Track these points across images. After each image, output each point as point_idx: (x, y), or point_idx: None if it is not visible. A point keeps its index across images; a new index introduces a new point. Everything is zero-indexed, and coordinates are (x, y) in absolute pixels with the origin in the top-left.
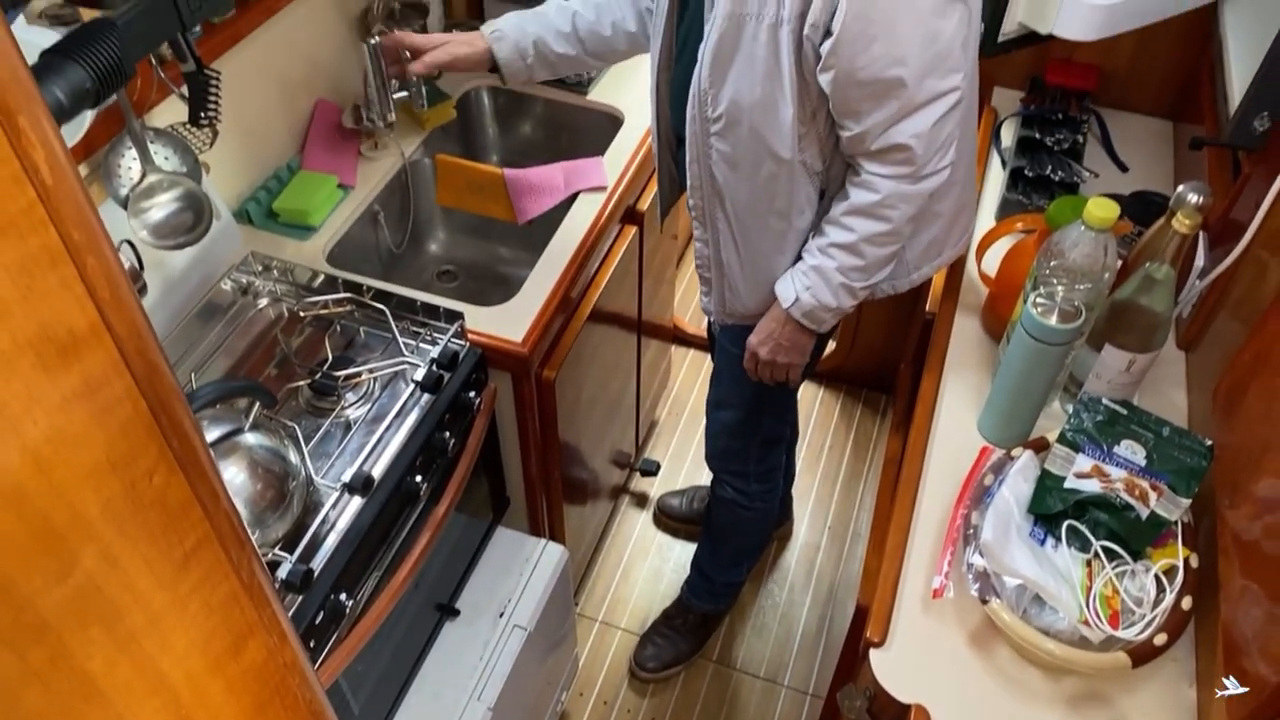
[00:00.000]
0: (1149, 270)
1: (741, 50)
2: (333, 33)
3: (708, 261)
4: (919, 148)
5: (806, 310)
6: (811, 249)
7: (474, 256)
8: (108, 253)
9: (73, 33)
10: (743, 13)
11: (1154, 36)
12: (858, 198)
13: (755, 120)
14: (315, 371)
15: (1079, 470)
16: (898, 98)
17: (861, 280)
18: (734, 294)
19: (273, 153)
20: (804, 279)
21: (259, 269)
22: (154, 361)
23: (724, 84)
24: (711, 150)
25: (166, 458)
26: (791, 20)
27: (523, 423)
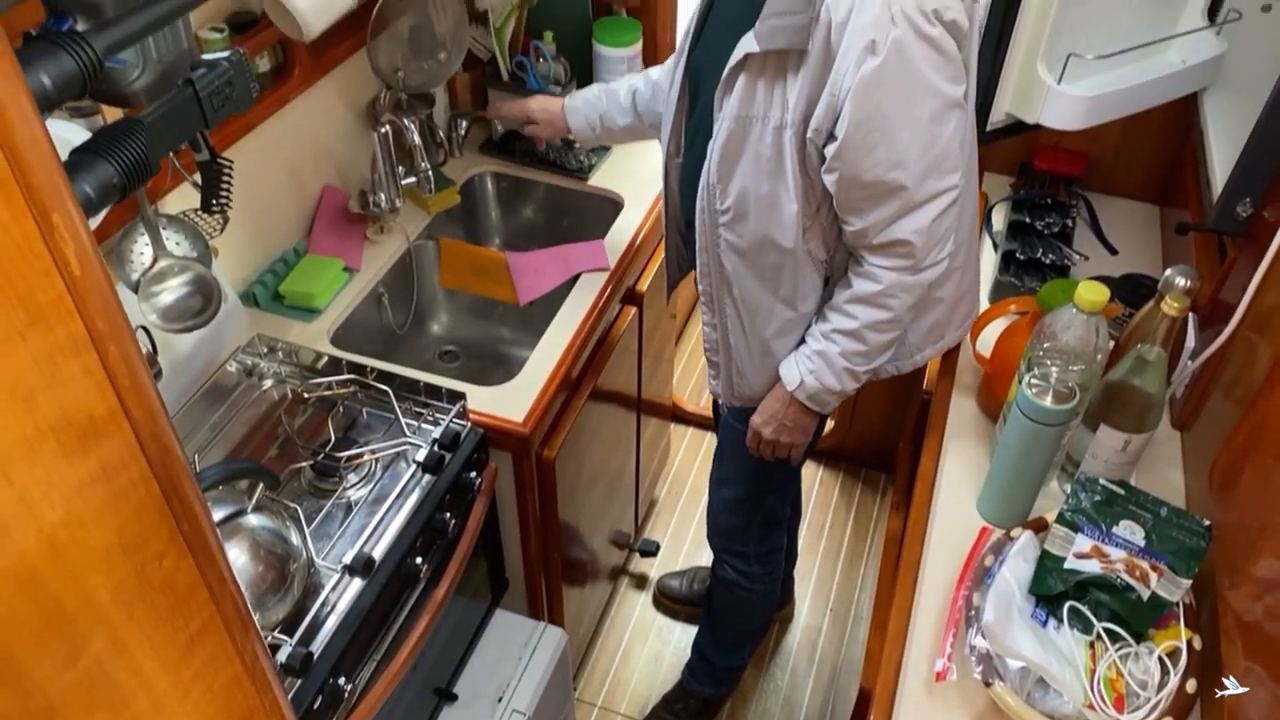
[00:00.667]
0: (1141, 352)
1: (748, 149)
2: (340, 121)
3: (716, 345)
4: (919, 242)
5: (811, 393)
6: (815, 334)
7: (475, 337)
8: (129, 340)
9: (102, 131)
10: (749, 115)
11: (1138, 125)
12: (860, 287)
13: (761, 214)
14: (318, 452)
15: (1079, 550)
16: (898, 198)
17: (864, 364)
18: (741, 377)
19: (280, 237)
20: (808, 363)
21: (264, 350)
22: (168, 445)
23: (731, 180)
24: (720, 240)
25: (176, 541)
26: (795, 124)
27: (523, 503)
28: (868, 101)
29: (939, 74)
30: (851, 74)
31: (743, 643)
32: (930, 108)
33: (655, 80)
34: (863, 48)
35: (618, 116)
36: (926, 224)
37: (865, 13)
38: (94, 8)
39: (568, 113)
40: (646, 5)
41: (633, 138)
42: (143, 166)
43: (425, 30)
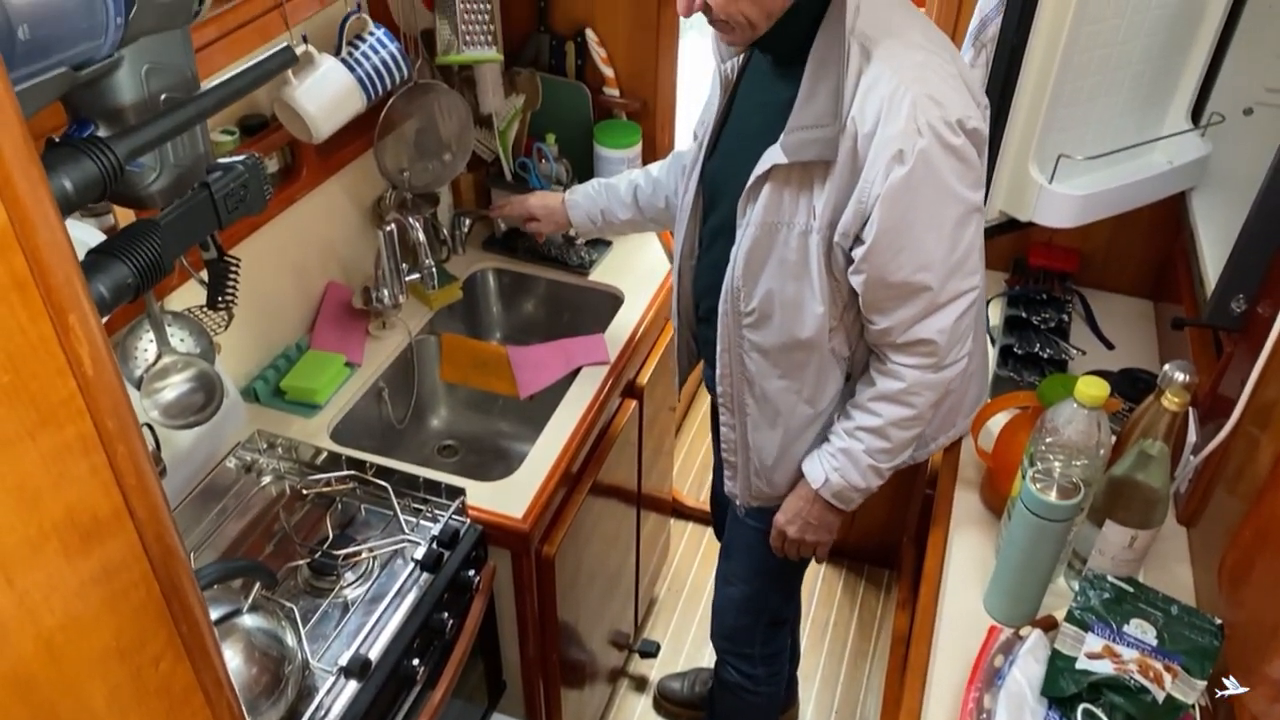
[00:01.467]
0: (1143, 447)
1: (774, 254)
2: (346, 218)
3: (734, 446)
4: (942, 341)
5: (836, 491)
6: (839, 431)
7: (475, 431)
8: (136, 439)
9: (119, 232)
10: (775, 221)
11: (1128, 222)
12: (884, 385)
13: (786, 315)
14: (315, 550)
15: (1090, 650)
16: (923, 298)
17: (887, 461)
18: (760, 478)
19: (283, 332)
20: (832, 460)
21: (263, 446)
22: (171, 545)
23: (757, 283)
24: (744, 341)
25: (174, 644)
26: (822, 229)
27: (521, 602)
28: (896, 208)
29: (962, 181)
30: (880, 182)
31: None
32: (954, 213)
33: (656, 177)
34: (890, 157)
35: (619, 211)
36: (950, 324)
37: (892, 124)
38: (116, 114)
39: (569, 207)
40: (646, 109)
41: (633, 230)
42: (157, 267)
43: (431, 133)
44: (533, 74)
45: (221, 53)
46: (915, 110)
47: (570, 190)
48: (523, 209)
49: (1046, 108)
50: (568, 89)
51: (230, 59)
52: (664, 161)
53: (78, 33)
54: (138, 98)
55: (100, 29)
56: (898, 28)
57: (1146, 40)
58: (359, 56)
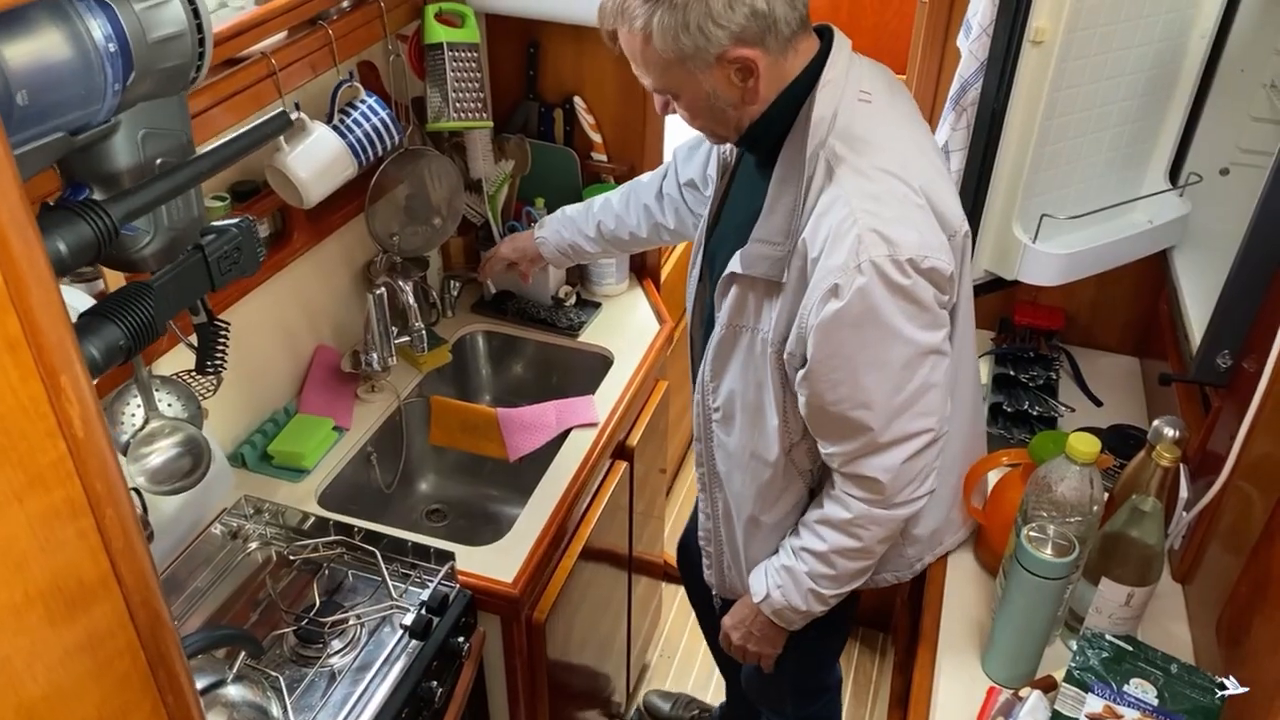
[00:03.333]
0: (1136, 503)
1: (738, 355)
2: (336, 282)
3: (709, 535)
4: (887, 480)
5: (775, 609)
6: (786, 547)
7: (463, 495)
8: (125, 503)
9: (112, 295)
10: (741, 325)
11: (1112, 281)
12: (830, 510)
13: (746, 419)
14: (301, 617)
15: (1090, 711)
16: (863, 436)
17: (832, 589)
18: (731, 571)
19: (271, 396)
20: (776, 577)
21: (250, 512)
22: (157, 612)
23: (722, 380)
24: (714, 436)
25: (159, 715)
26: (775, 343)
27: (511, 668)
28: (828, 341)
29: (911, 322)
30: (815, 312)
31: None
32: (901, 355)
33: (618, 213)
34: (826, 290)
35: (586, 245)
36: (897, 464)
37: (834, 256)
38: (112, 178)
39: (539, 245)
40: (633, 173)
41: (603, 258)
42: (149, 329)
43: (421, 198)
44: (521, 140)
45: (216, 120)
46: (859, 246)
47: (539, 225)
48: (498, 260)
49: (1029, 169)
50: (556, 154)
51: (224, 125)
52: (623, 191)
53: (75, 99)
54: (134, 162)
55: (98, 95)
56: (876, 144)
57: (1124, 103)
58: (350, 124)
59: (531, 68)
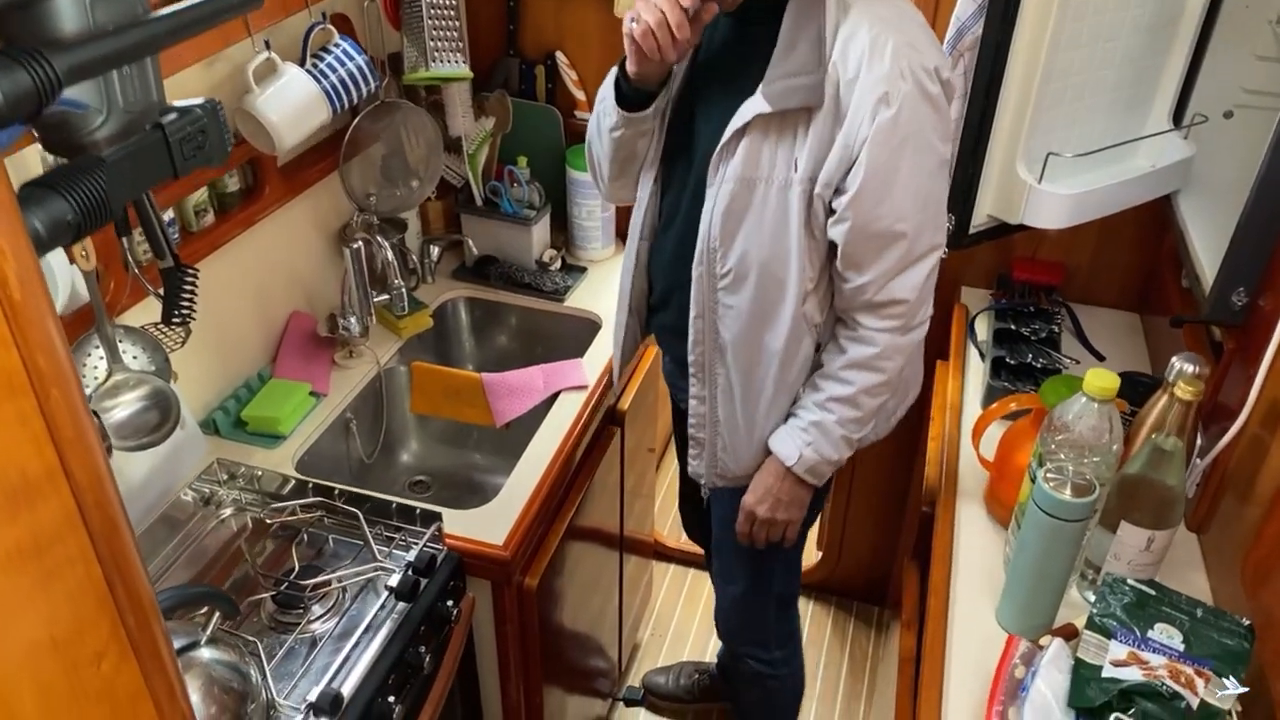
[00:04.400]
0: (1157, 442)
1: (751, 211)
2: (310, 246)
3: (703, 420)
4: (914, 299)
5: (810, 466)
6: (807, 405)
7: (447, 465)
8: (73, 386)
9: (59, 166)
10: (754, 177)
11: (1112, 235)
12: (856, 351)
13: (763, 275)
14: (280, 582)
15: (1115, 658)
16: (899, 249)
17: (858, 431)
18: (727, 452)
19: (243, 362)
20: (804, 435)
21: (224, 477)
22: (113, 518)
23: (733, 242)
24: (719, 305)
25: (119, 638)
26: (803, 181)
27: (502, 638)
28: (882, 151)
29: (935, 132)
30: (867, 125)
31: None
32: (930, 164)
33: None
34: (876, 99)
35: None
36: (921, 281)
37: (876, 68)
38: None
39: None
40: None
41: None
42: (101, 208)
43: (398, 158)
44: (503, 95)
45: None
46: (898, 55)
47: None
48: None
49: (1033, 108)
50: (539, 112)
51: (188, 61)
52: None
53: None
54: (81, 27)
55: None
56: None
57: (1128, 40)
58: (324, 68)
59: (511, 22)
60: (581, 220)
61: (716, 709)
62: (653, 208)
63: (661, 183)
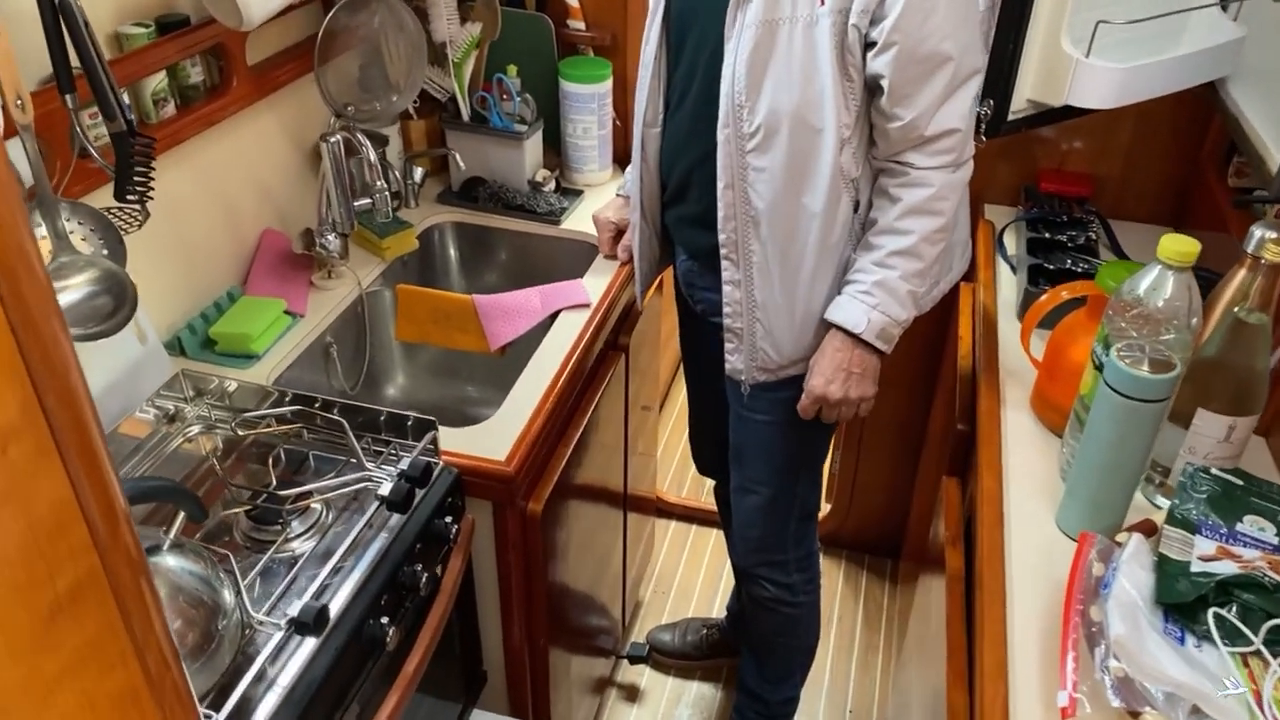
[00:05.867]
0: (1239, 315)
1: (777, 57)
2: (283, 158)
3: (739, 307)
4: (964, 128)
5: (880, 330)
6: (866, 266)
7: (438, 399)
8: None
9: None
10: (776, 18)
11: (1143, 144)
12: (911, 196)
13: (795, 126)
14: (256, 495)
15: (1202, 553)
16: (947, 71)
17: (921, 285)
18: (769, 338)
19: (212, 280)
20: (869, 299)
21: (190, 393)
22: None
23: (760, 93)
24: (748, 170)
25: (34, 419)
26: (832, 14)
27: (504, 567)
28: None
29: None
30: None
31: (794, 670)
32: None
33: None
34: None
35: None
36: (967, 109)
37: None
38: None
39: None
40: (615, 44)
41: None
42: None
43: (376, 65)
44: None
45: None
46: None
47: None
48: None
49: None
50: (528, 21)
51: None
52: None
53: None
54: None
55: None
56: None
57: None
58: None
59: None
60: (576, 139)
61: (726, 664)
62: (657, 90)
63: (667, 60)
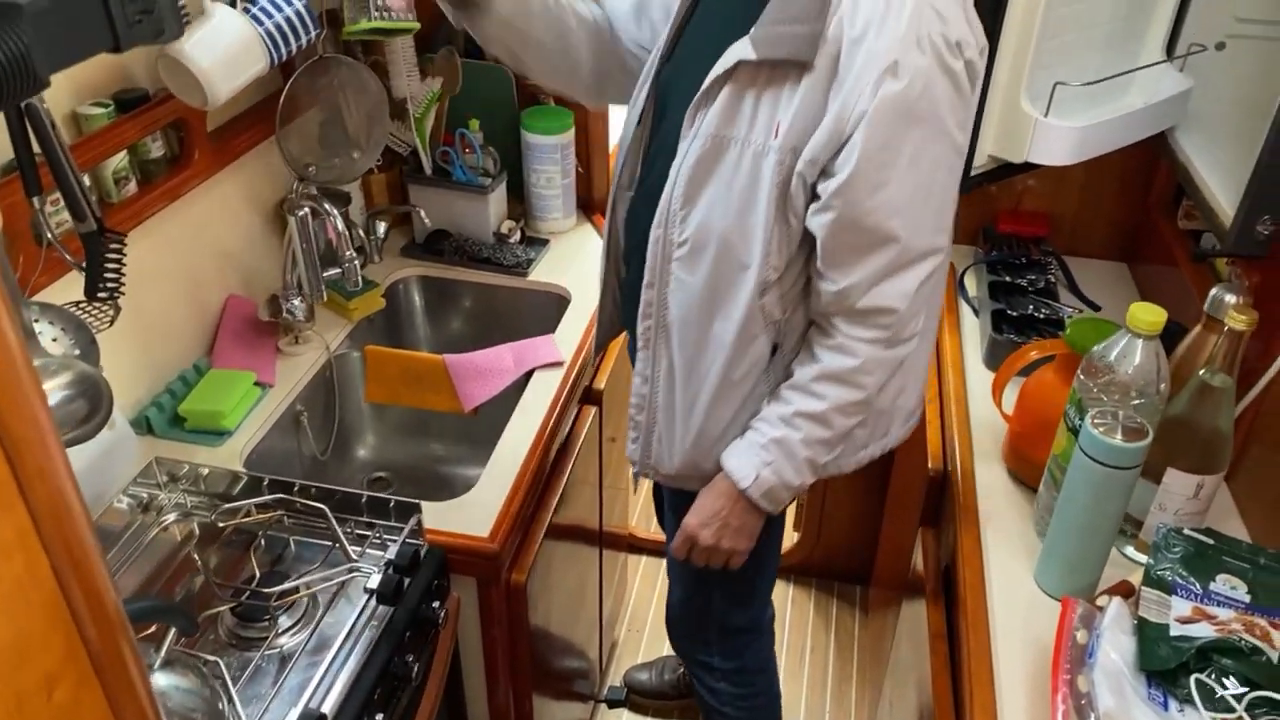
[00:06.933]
0: (1204, 378)
1: (720, 174)
2: (245, 224)
3: (643, 402)
4: (902, 309)
5: (767, 489)
6: (770, 419)
7: (408, 458)
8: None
9: None
10: (728, 135)
11: (1097, 184)
12: (832, 362)
13: (721, 251)
14: (240, 592)
15: (1180, 615)
16: (890, 251)
17: (825, 455)
18: (661, 444)
19: (177, 353)
20: (764, 454)
21: (164, 479)
22: (63, 493)
23: (695, 206)
24: (671, 277)
25: (78, 659)
26: (781, 151)
27: (490, 639)
28: (882, 131)
29: (952, 115)
30: (868, 98)
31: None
32: (939, 152)
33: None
34: (883, 69)
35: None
36: (912, 289)
37: (888, 30)
38: None
39: None
40: None
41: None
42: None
43: (337, 125)
44: (451, 53)
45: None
46: (918, 19)
47: None
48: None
49: (1037, 35)
50: (489, 73)
51: None
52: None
53: None
54: None
55: None
56: None
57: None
58: (258, 12)
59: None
60: (540, 189)
61: None
62: (636, 150)
63: (651, 126)
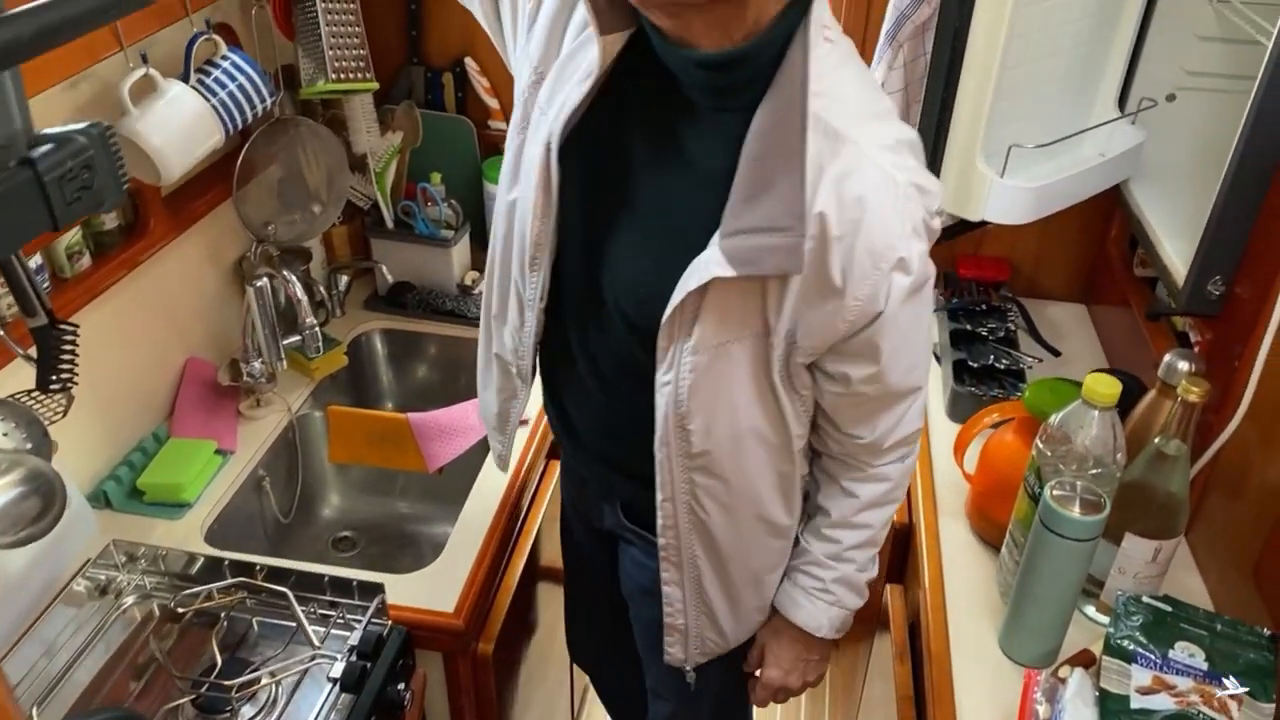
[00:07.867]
0: (1158, 446)
1: (727, 375)
2: (203, 285)
3: (680, 607)
4: (921, 423)
5: (840, 624)
6: (822, 562)
7: (373, 517)
8: None
9: None
10: (732, 338)
11: (1056, 227)
12: (869, 492)
13: (751, 444)
14: (200, 684)
15: (1140, 685)
16: (915, 397)
17: (873, 568)
18: (718, 633)
19: (135, 422)
20: (828, 597)
21: (122, 560)
22: None
23: (713, 417)
24: (695, 487)
25: None
26: (777, 335)
27: (456, 711)
28: (903, 320)
29: (930, 264)
30: (882, 299)
31: None
32: (930, 298)
33: None
34: (890, 266)
35: None
36: (924, 406)
37: (882, 228)
38: None
39: None
40: None
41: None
42: None
43: (297, 180)
44: (410, 107)
45: (43, 73)
46: (908, 207)
47: None
48: None
49: (992, 97)
50: (449, 124)
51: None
52: None
53: None
54: None
55: None
56: (853, 93)
57: (1077, 24)
58: (211, 84)
59: (414, 28)
60: None
61: None
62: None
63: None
